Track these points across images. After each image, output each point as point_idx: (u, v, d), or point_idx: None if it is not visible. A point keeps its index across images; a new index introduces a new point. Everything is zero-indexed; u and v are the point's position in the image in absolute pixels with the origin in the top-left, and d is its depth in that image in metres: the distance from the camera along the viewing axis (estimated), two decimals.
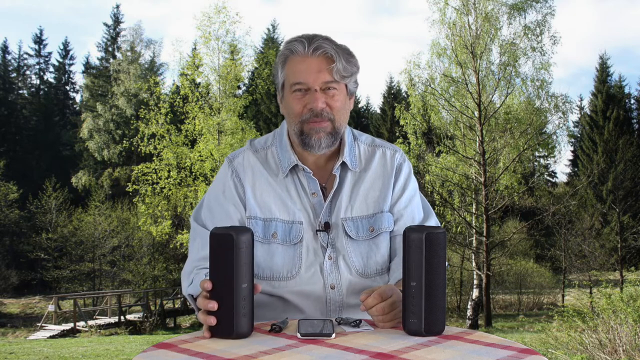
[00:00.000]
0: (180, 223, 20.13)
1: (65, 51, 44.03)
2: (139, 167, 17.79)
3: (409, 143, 18.27)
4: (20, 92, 42.71)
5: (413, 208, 1.66)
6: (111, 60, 39.86)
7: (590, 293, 14.86)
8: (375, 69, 77.37)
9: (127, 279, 26.03)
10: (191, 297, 1.45)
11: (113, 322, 19.15)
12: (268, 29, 42.62)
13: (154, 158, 17.57)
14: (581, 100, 39.87)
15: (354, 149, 1.65)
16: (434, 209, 16.64)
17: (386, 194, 1.62)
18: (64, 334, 16.87)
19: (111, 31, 40.92)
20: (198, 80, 18.30)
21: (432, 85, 18.00)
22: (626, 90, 37.75)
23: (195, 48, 19.89)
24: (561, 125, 18.33)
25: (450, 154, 18.11)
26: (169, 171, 17.39)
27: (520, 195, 19.43)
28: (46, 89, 43.49)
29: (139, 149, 18.00)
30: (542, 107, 18.12)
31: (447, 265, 1.31)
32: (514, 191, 17.95)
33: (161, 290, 23.07)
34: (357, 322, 1.33)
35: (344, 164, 1.61)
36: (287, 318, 1.37)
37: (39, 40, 43.22)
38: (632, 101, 38.39)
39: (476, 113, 17.32)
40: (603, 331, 5.95)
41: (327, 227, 1.57)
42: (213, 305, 1.22)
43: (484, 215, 16.96)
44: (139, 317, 20.21)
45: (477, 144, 17.41)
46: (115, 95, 37.34)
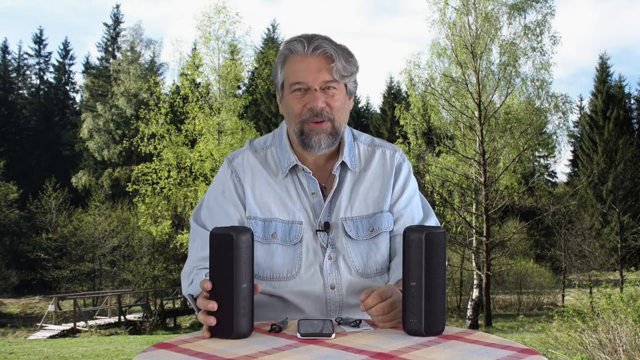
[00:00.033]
0: (180, 223, 20.12)
1: (65, 51, 44.07)
2: (139, 167, 17.79)
3: (409, 143, 18.27)
4: (20, 92, 42.72)
5: (413, 208, 1.66)
6: (111, 60, 39.86)
7: (590, 293, 14.86)
8: (375, 69, 77.46)
9: (127, 279, 26.03)
10: (191, 297, 1.44)
11: (113, 322, 19.15)
12: (268, 29, 42.70)
13: (154, 158, 17.58)
14: (581, 100, 39.93)
15: (353, 148, 1.65)
16: (434, 209, 16.68)
17: (386, 193, 1.62)
18: (64, 334, 16.87)
19: (111, 31, 40.94)
20: (198, 80, 18.31)
21: (432, 85, 18.00)
22: (626, 90, 37.77)
23: (195, 48, 19.91)
24: (561, 125, 18.36)
25: (450, 154, 18.11)
26: (169, 171, 17.39)
27: (520, 195, 19.43)
28: (46, 89, 43.49)
29: (139, 149, 18.00)
30: (542, 107, 18.12)
31: (447, 265, 1.31)
32: (514, 191, 17.95)
33: (161, 290, 23.07)
34: (357, 322, 1.33)
35: (343, 164, 1.61)
36: (287, 318, 1.37)
37: (39, 40, 43.25)
38: (632, 101, 38.40)
39: (476, 113, 17.31)
40: (603, 331, 5.95)
41: (326, 227, 1.57)
42: (213, 305, 1.22)
43: (484, 215, 16.96)
44: (139, 317, 20.21)
45: (477, 144, 17.41)
46: (115, 95, 37.34)
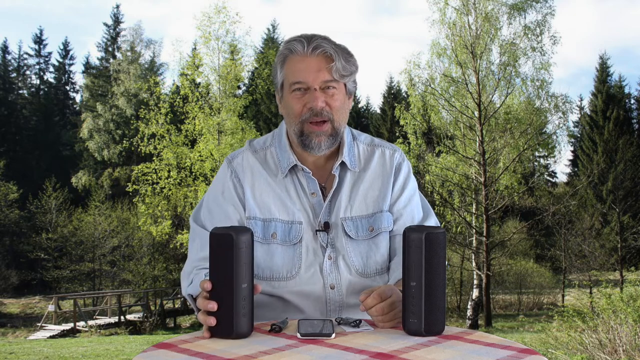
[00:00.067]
0: (180, 223, 20.12)
1: (65, 51, 44.07)
2: (139, 167, 17.79)
3: (409, 143, 18.26)
4: (20, 92, 42.72)
5: (412, 207, 1.66)
6: (111, 60, 39.86)
7: (590, 293, 14.86)
8: (375, 69, 77.46)
9: (127, 279, 26.03)
10: (191, 297, 1.44)
11: (113, 322, 19.15)
12: (268, 29, 42.71)
13: (154, 158, 17.58)
14: (581, 100, 39.92)
15: (353, 148, 1.65)
16: (434, 209, 16.69)
17: (385, 193, 1.62)
18: (64, 334, 16.87)
19: (111, 31, 40.94)
20: (198, 80, 18.31)
21: (432, 85, 18.00)
22: (626, 90, 37.77)
23: (195, 48, 19.92)
24: (561, 125, 18.36)
25: (450, 154, 18.11)
26: (169, 171, 17.39)
27: (520, 195, 19.43)
28: (46, 89, 43.50)
29: (139, 149, 18.00)
30: (542, 107, 18.12)
31: (447, 265, 1.30)
32: (514, 191, 17.95)
33: (161, 290, 23.07)
34: (357, 322, 1.33)
35: (343, 164, 1.61)
36: (287, 318, 1.37)
37: (39, 40, 43.25)
38: (632, 101, 38.40)
39: (476, 113, 17.31)
40: (603, 331, 5.95)
41: (326, 227, 1.57)
42: (213, 305, 1.22)
43: (484, 215, 16.96)
44: (139, 317, 20.20)
45: (477, 144, 17.41)
46: (115, 95, 37.34)
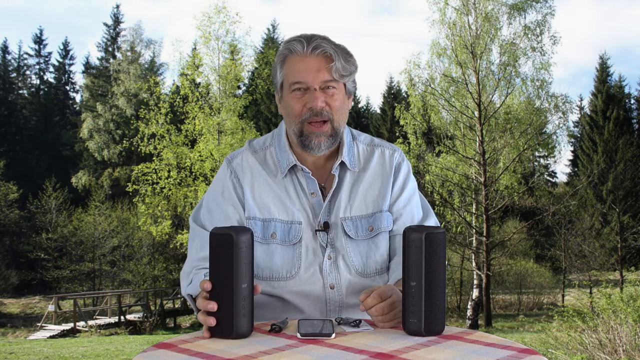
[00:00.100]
0: (180, 223, 20.13)
1: (65, 51, 44.06)
2: (139, 167, 17.80)
3: (409, 143, 18.26)
4: (20, 92, 42.72)
5: (412, 207, 1.66)
6: (111, 60, 39.86)
7: (590, 293, 14.86)
8: (375, 69, 77.47)
9: (127, 279, 26.03)
10: (190, 297, 1.44)
11: (113, 322, 19.15)
12: (268, 29, 42.71)
13: (154, 158, 17.58)
14: (581, 100, 39.92)
15: (352, 148, 1.65)
16: (434, 209, 16.70)
17: (385, 193, 1.62)
18: (64, 334, 16.87)
19: (111, 31, 40.95)
20: (198, 80, 18.31)
21: (432, 85, 18.00)
22: (626, 90, 37.77)
23: (195, 48, 19.92)
24: (561, 125, 18.36)
25: (450, 154, 18.11)
26: (169, 171, 17.39)
27: (520, 195, 19.43)
28: (46, 89, 43.50)
29: (139, 149, 18.01)
30: (542, 107, 18.12)
31: (447, 265, 1.30)
32: (514, 191, 17.95)
33: (161, 290, 23.07)
34: (357, 322, 1.33)
35: (342, 164, 1.61)
36: (287, 318, 1.37)
37: (39, 40, 43.25)
38: (632, 101, 38.40)
39: (476, 113, 17.31)
40: (603, 331, 5.95)
41: (326, 227, 1.56)
42: (213, 306, 1.22)
43: (484, 215, 16.96)
44: (139, 317, 20.20)
45: (477, 144, 17.41)
46: (115, 95, 37.34)
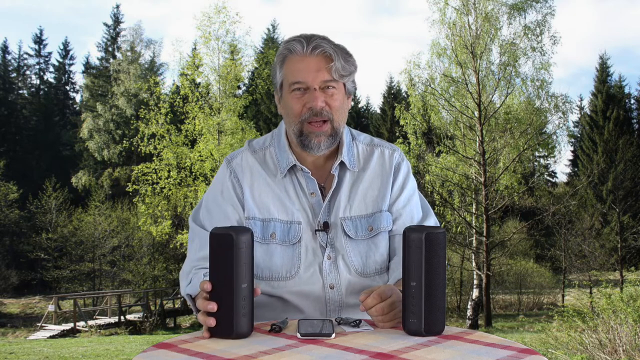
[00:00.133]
0: (180, 223, 20.13)
1: (65, 51, 44.06)
2: (139, 167, 17.80)
3: (409, 143, 18.26)
4: (20, 92, 42.71)
5: (412, 207, 1.66)
6: (111, 60, 39.86)
7: (590, 293, 14.86)
8: (375, 69, 77.47)
9: (127, 279, 26.03)
10: (189, 296, 1.44)
11: (113, 322, 19.14)
12: (268, 29, 42.70)
13: (154, 158, 17.58)
14: (581, 100, 39.92)
15: (352, 148, 1.65)
16: (434, 209, 16.70)
17: (385, 193, 1.62)
18: (64, 334, 16.87)
19: (111, 31, 40.95)
20: (198, 80, 18.32)
21: (432, 85, 18.00)
22: (626, 90, 37.76)
23: (195, 48, 19.93)
24: (561, 125, 18.36)
25: (450, 154, 18.11)
26: (169, 171, 17.39)
27: (520, 195, 19.43)
28: (46, 89, 43.49)
29: (139, 149, 18.01)
30: (542, 107, 18.12)
31: (447, 265, 1.30)
32: (514, 191, 17.94)
33: (161, 290, 23.06)
34: (357, 322, 1.33)
35: (342, 164, 1.61)
36: (287, 318, 1.37)
37: (39, 40, 43.24)
38: (632, 101, 38.40)
39: (476, 113, 17.31)
40: (603, 331, 5.95)
41: (326, 227, 1.56)
42: (213, 306, 1.22)
43: (484, 215, 16.96)
44: (139, 317, 20.19)
45: (477, 144, 17.40)
46: (115, 95, 37.34)
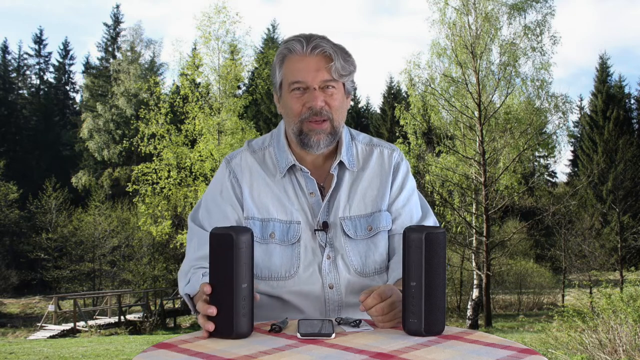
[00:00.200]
0: (180, 223, 20.13)
1: (65, 51, 44.05)
2: (139, 167, 17.80)
3: (409, 143, 18.26)
4: (20, 92, 42.71)
5: (411, 207, 1.66)
6: (111, 60, 39.86)
7: (590, 293, 14.86)
8: (375, 69, 77.48)
9: (127, 279, 26.02)
10: (188, 296, 1.44)
11: (113, 322, 19.14)
12: (268, 29, 42.69)
13: (154, 158, 17.59)
14: (581, 100, 39.90)
15: (351, 148, 1.65)
16: (434, 209, 16.70)
17: (384, 192, 1.62)
18: (64, 334, 16.86)
19: (111, 31, 40.94)
20: (198, 80, 18.33)
21: (432, 85, 18.00)
22: (626, 90, 37.76)
23: (195, 48, 19.94)
24: (561, 125, 18.35)
25: (450, 154, 18.11)
26: (169, 171, 17.40)
27: (520, 195, 19.42)
28: (46, 89, 43.49)
29: (139, 149, 18.01)
30: (542, 107, 18.12)
31: (447, 265, 1.30)
32: (514, 191, 17.94)
33: (161, 290, 23.06)
34: (357, 322, 1.33)
35: (341, 164, 1.61)
36: (287, 318, 1.37)
37: (39, 40, 43.24)
38: (632, 101, 38.39)
39: (476, 113, 17.31)
40: (603, 331, 5.95)
41: (325, 227, 1.56)
42: (213, 310, 1.22)
43: (484, 215, 16.95)
44: (139, 317, 20.19)
45: (477, 144, 17.40)
46: (115, 95, 37.34)
